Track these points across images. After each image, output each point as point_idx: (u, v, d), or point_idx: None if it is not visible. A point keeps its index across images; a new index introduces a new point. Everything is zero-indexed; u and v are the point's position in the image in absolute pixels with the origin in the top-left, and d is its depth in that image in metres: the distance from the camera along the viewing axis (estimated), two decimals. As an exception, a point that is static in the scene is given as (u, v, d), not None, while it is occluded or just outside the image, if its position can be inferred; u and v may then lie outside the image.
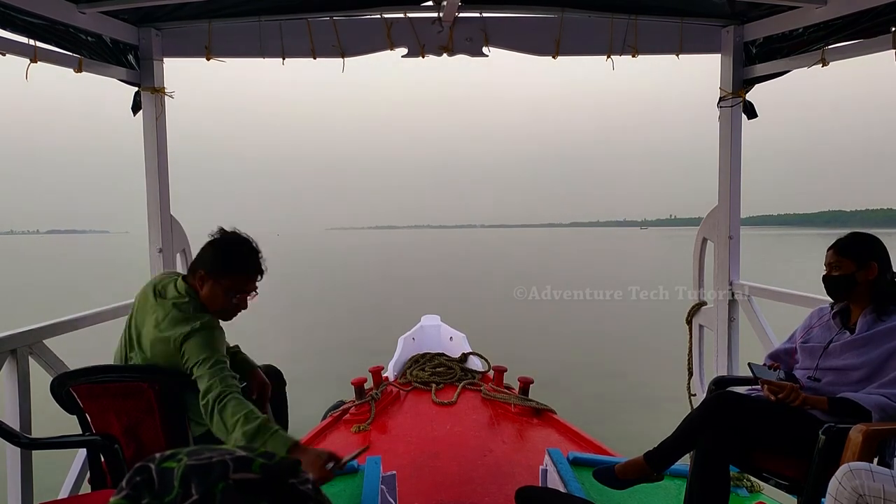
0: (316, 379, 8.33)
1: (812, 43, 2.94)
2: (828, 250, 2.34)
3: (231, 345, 2.31)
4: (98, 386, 2.04)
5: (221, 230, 2.19)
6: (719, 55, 3.41)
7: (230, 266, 2.12)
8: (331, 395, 4.82)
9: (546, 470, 2.94)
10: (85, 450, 2.29)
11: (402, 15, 3.20)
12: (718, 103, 3.43)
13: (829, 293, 2.38)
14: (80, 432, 2.09)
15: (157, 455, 0.52)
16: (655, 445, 2.32)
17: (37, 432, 2.29)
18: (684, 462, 2.35)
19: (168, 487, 0.49)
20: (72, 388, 2.02)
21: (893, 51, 2.55)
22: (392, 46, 3.23)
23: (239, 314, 2.21)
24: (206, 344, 1.97)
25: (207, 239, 2.18)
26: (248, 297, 2.19)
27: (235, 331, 2.32)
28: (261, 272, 2.18)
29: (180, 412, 2.08)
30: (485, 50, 3.27)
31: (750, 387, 2.49)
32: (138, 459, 0.56)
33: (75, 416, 2.08)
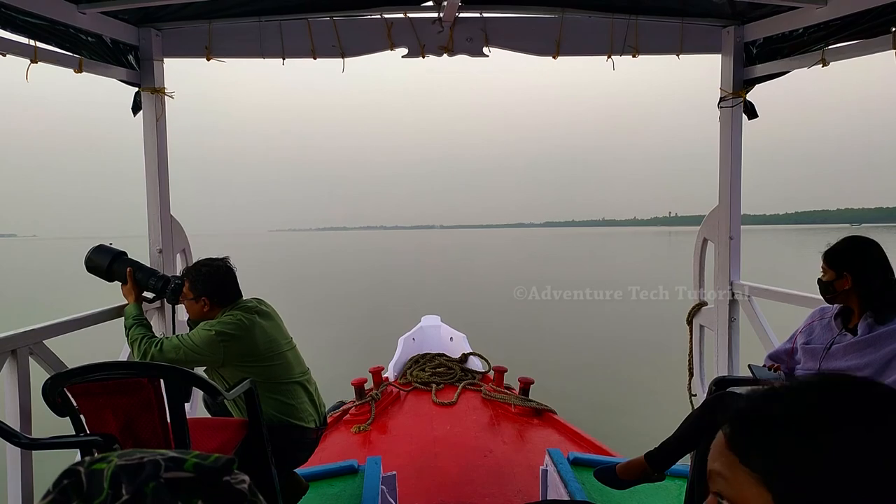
0: (316, 379, 8.32)
1: (812, 43, 2.95)
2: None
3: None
4: (94, 384, 2.04)
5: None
6: (720, 55, 3.41)
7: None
8: (331, 395, 4.82)
9: (546, 470, 2.94)
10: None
11: (402, 15, 3.19)
12: (719, 103, 3.43)
13: (822, 296, 2.38)
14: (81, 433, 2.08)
15: (87, 458, 0.51)
16: (656, 446, 2.32)
17: (37, 433, 2.28)
18: (685, 462, 2.35)
19: (97, 489, 0.47)
20: (66, 387, 2.02)
21: (893, 51, 2.55)
22: (392, 47, 3.22)
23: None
24: None
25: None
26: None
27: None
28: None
29: (180, 406, 2.09)
30: (485, 50, 3.27)
31: (750, 388, 2.48)
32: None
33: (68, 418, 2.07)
